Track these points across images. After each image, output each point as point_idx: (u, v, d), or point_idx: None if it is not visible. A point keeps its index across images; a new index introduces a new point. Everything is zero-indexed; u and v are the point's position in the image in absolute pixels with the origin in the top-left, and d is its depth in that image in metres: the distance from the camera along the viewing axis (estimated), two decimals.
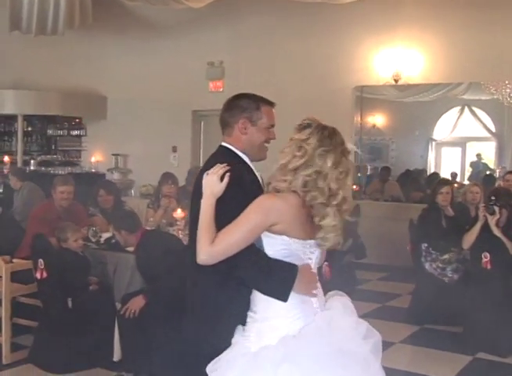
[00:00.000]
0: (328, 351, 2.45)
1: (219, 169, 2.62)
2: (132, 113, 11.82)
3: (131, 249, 5.58)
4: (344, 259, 8.20)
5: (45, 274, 5.13)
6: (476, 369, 5.44)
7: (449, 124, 11.59)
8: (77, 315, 5.15)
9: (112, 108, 12.33)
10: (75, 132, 12.88)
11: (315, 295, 2.63)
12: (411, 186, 10.49)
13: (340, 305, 2.69)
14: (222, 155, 2.86)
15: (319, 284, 2.69)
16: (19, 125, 11.93)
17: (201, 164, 5.08)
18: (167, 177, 7.21)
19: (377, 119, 11.97)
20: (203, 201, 2.60)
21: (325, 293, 2.77)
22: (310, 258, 2.63)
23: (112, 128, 12.19)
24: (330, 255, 7.71)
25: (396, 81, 9.52)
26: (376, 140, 12.15)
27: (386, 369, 5.19)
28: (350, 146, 2.59)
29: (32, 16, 9.07)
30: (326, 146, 2.51)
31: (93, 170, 12.13)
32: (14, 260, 5.64)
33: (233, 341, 2.60)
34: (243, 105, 2.91)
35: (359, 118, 10.43)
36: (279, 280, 2.54)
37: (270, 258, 2.56)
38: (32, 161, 11.62)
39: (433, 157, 11.94)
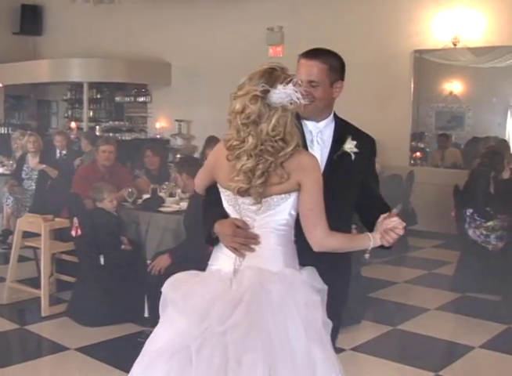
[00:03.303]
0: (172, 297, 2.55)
1: None
2: (195, 79, 11.90)
3: (163, 209, 5.73)
4: None
5: (79, 232, 5.35)
6: (506, 339, 5.23)
7: None
8: (110, 272, 5.35)
9: (176, 75, 12.48)
10: (141, 99, 13.17)
11: (242, 255, 2.42)
12: (475, 153, 10.20)
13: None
14: None
15: (263, 251, 2.42)
16: (85, 92, 12.31)
17: None
18: (212, 140, 7.29)
19: (454, 86, 11.56)
20: None
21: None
22: (249, 215, 2.43)
23: (176, 94, 12.36)
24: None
25: (455, 44, 9.18)
26: (454, 108, 11.77)
27: (410, 334, 5.22)
28: (284, 89, 2.30)
29: None
30: (240, 90, 2.40)
31: (158, 136, 12.38)
32: (56, 219, 5.89)
33: None
34: None
35: (419, 83, 10.12)
36: (204, 224, 2.63)
37: (211, 204, 2.61)
38: (97, 127, 11.97)
39: (511, 125, 11.48)
